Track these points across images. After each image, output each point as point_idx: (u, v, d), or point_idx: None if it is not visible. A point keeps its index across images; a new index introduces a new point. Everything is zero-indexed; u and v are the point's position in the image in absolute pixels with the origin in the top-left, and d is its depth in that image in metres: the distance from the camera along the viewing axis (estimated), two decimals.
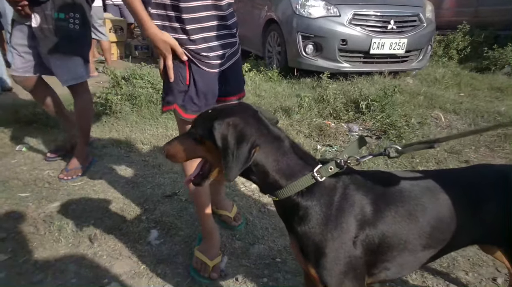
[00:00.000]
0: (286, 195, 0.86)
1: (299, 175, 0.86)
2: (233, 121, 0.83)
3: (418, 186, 0.91)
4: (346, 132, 2.93)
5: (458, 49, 5.42)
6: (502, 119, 2.95)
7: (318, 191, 0.86)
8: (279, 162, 0.86)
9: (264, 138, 0.86)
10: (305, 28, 3.89)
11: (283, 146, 0.87)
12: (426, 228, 0.88)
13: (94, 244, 1.58)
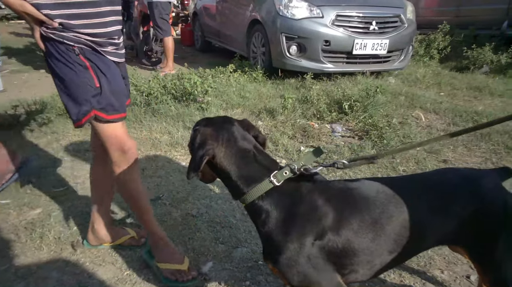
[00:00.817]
0: (250, 200, 0.94)
1: (259, 181, 0.93)
2: (202, 130, 0.96)
3: (384, 193, 0.95)
4: (330, 133, 2.97)
5: (439, 48, 5.53)
6: (479, 119, 3.04)
7: (277, 195, 0.93)
8: (241, 169, 0.95)
9: (228, 149, 0.95)
10: (288, 29, 3.92)
11: (247, 155, 0.96)
12: (391, 235, 0.92)
13: (76, 250, 1.57)
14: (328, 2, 3.94)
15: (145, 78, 3.92)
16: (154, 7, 4.80)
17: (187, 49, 7.72)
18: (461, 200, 0.96)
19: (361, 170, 2.30)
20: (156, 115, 3.14)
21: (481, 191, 0.96)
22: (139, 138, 2.76)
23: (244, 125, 1.04)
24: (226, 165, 0.95)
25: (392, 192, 0.95)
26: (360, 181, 1.01)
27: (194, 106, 3.27)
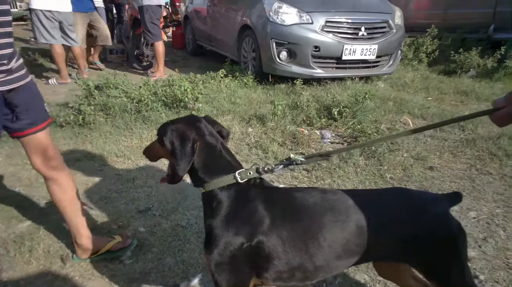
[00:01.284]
0: (210, 188, 1.02)
1: (223, 174, 1.02)
2: (176, 127, 1.04)
3: (322, 205, 1.01)
4: (319, 139, 3.01)
5: (427, 52, 5.61)
6: (464, 125, 3.09)
7: (234, 191, 1.01)
8: (208, 161, 1.04)
9: (200, 140, 1.03)
10: (278, 34, 3.95)
11: (213, 149, 1.05)
12: (320, 246, 0.97)
13: (66, 264, 1.58)
14: (317, 8, 3.98)
15: (136, 84, 3.92)
16: (144, 11, 4.80)
17: (178, 53, 7.71)
18: (407, 223, 0.98)
19: (349, 177, 2.33)
20: (146, 122, 3.15)
21: (429, 218, 0.99)
22: (129, 147, 2.76)
23: (209, 121, 1.12)
24: (195, 156, 1.01)
25: (331, 204, 1.01)
26: (304, 190, 1.08)
27: (185, 113, 3.28)
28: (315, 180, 2.32)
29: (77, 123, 2.99)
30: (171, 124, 1.06)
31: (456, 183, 2.25)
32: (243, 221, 0.98)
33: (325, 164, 2.51)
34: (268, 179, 2.37)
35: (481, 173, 2.36)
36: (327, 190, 1.08)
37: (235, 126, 3.13)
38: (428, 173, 2.38)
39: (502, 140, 2.74)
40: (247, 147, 2.80)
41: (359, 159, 2.54)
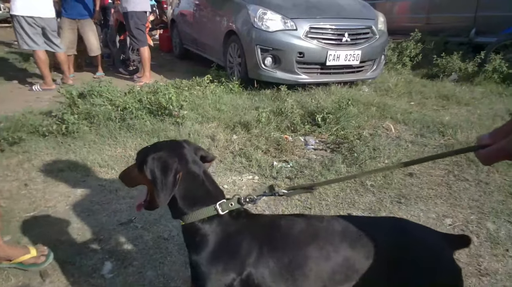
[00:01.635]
0: (190, 220, 0.99)
1: (203, 205, 0.99)
2: (157, 156, 1.00)
3: (306, 233, 0.99)
4: (303, 146, 3.05)
5: (411, 56, 5.71)
6: (444, 130, 3.17)
7: (216, 223, 0.98)
8: (188, 191, 1.01)
9: (182, 170, 1.00)
10: (263, 41, 3.98)
11: (195, 179, 1.02)
12: (307, 276, 0.94)
13: (45, 280, 1.58)
14: (301, 15, 4.02)
15: (121, 91, 3.91)
16: (129, 17, 4.78)
17: (165, 56, 7.70)
18: (404, 266, 0.91)
19: (331, 185, 2.37)
20: (131, 130, 3.14)
21: (431, 264, 0.91)
22: (113, 156, 2.76)
23: (192, 147, 1.10)
24: (178, 183, 0.98)
25: (317, 232, 0.98)
26: (289, 218, 1.06)
27: (170, 120, 3.29)
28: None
29: (60, 133, 2.97)
30: (152, 151, 1.02)
31: (434, 190, 2.30)
32: (230, 255, 0.96)
33: (308, 172, 2.55)
34: (254, 186, 2.39)
35: (458, 180, 2.42)
36: (313, 217, 1.06)
37: (220, 133, 3.15)
38: (407, 180, 2.43)
39: None
40: (231, 155, 2.82)
41: (341, 167, 2.59)
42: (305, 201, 2.21)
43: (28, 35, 4.33)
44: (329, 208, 2.14)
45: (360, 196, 2.26)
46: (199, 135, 3.08)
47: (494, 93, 4.39)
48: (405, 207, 2.14)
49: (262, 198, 1.07)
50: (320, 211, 2.11)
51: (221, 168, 2.64)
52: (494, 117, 3.54)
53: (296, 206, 2.17)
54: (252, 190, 2.37)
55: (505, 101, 4.09)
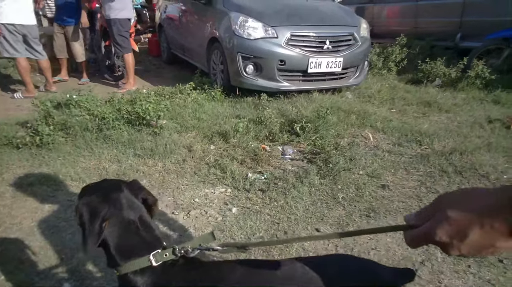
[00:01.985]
0: (123, 272, 0.94)
1: (137, 256, 0.94)
2: (87, 200, 0.96)
3: (249, 281, 0.95)
4: (280, 156, 3.04)
5: (396, 61, 5.72)
6: (421, 139, 3.17)
7: (149, 275, 0.93)
8: (122, 241, 0.95)
9: (114, 217, 0.95)
10: (244, 49, 3.97)
11: (129, 226, 0.97)
12: None
13: None
14: (282, 22, 4.02)
15: (101, 99, 3.89)
16: (112, 24, 4.76)
17: (153, 61, 7.67)
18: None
19: (303, 198, 2.36)
20: (108, 141, 3.13)
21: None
22: (87, 168, 2.74)
23: (133, 188, 1.05)
24: (107, 234, 0.95)
25: (260, 278, 0.95)
26: (233, 265, 1.02)
27: (147, 131, 3.27)
28: (268, 202, 2.34)
29: (34, 144, 2.95)
30: (87, 193, 0.99)
31: (403, 203, 2.30)
32: None
33: (281, 184, 2.55)
34: (231, 194, 2.37)
35: (429, 192, 2.43)
36: (260, 263, 1.02)
37: (197, 143, 3.14)
38: (379, 193, 2.43)
39: (454, 156, 2.82)
40: (206, 166, 2.81)
41: (314, 179, 2.58)
42: (274, 215, 2.20)
43: (9, 43, 4.30)
44: (298, 223, 2.13)
45: (330, 210, 2.25)
46: (176, 146, 3.06)
47: (476, 99, 4.40)
48: (373, 221, 2.14)
49: (196, 251, 0.98)
50: (288, 226, 2.11)
51: (195, 181, 2.63)
52: (473, 125, 3.55)
53: (265, 221, 2.16)
54: (223, 203, 2.36)
55: (486, 107, 4.11)
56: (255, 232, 2.06)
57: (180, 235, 2.03)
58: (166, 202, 2.36)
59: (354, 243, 1.97)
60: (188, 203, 2.36)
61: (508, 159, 2.82)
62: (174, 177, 2.66)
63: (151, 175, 2.68)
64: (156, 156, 2.90)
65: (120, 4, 4.67)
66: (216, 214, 2.24)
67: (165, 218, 2.19)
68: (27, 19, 4.37)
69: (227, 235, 2.04)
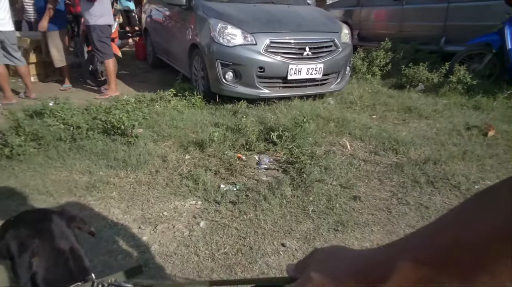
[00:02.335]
0: None
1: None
2: (15, 234, 0.94)
3: None
4: (255, 165, 3.01)
5: (381, 65, 5.72)
6: (397, 147, 3.16)
7: None
8: (49, 273, 0.94)
9: (42, 249, 0.93)
10: (223, 55, 3.94)
11: (59, 258, 0.95)
12: None
13: None
14: (262, 29, 4.00)
15: (79, 107, 3.84)
16: (92, 30, 4.71)
17: (140, 64, 7.62)
18: None
19: (273, 211, 2.34)
20: (81, 151, 3.08)
21: None
22: (56, 181, 2.69)
23: (64, 217, 1.03)
24: (36, 267, 0.92)
25: None
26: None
27: (122, 140, 3.23)
28: (237, 215, 2.31)
29: (3, 155, 2.90)
30: (13, 226, 0.96)
31: (373, 216, 2.29)
32: None
33: (252, 195, 2.52)
34: (201, 204, 2.33)
35: (400, 203, 2.41)
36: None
37: (172, 153, 3.11)
38: (350, 204, 2.41)
39: (427, 165, 2.82)
40: (179, 177, 2.77)
41: (287, 189, 2.56)
42: (242, 229, 2.17)
43: None
44: (264, 237, 2.11)
45: (298, 223, 2.23)
46: (150, 156, 3.03)
47: (457, 104, 4.41)
48: (341, 235, 2.12)
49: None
50: (255, 241, 2.08)
51: (166, 192, 2.59)
52: (451, 132, 3.55)
53: (232, 235, 2.13)
54: (192, 217, 2.33)
55: (466, 113, 4.11)
56: (220, 248, 2.03)
57: (143, 252, 1.99)
58: (134, 216, 2.33)
59: None
60: (157, 217, 2.32)
61: (481, 168, 2.82)
62: (145, 189, 2.63)
63: (121, 187, 2.64)
64: (128, 167, 2.86)
65: (100, 11, 4.62)
66: (183, 229, 2.21)
67: (131, 233, 2.16)
68: (5, 26, 4.31)
69: (192, 251, 2.01)
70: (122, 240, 2.09)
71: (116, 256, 1.96)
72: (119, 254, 1.97)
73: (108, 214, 2.33)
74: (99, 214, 2.33)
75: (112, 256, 1.95)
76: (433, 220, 0.40)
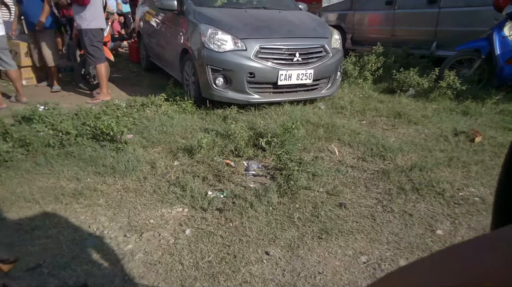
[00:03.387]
0: None
1: None
2: None
3: None
4: (243, 172, 3.02)
5: (372, 70, 5.75)
6: (385, 154, 3.19)
7: None
8: None
9: None
10: (213, 61, 3.96)
11: None
12: None
13: None
14: (252, 35, 4.01)
15: (69, 112, 3.84)
16: (84, 34, 4.71)
17: (133, 67, 7.62)
18: None
19: (259, 218, 2.35)
20: (69, 158, 3.08)
21: None
22: (43, 188, 2.69)
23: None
24: None
25: None
26: None
27: (111, 146, 3.23)
28: (223, 222, 2.33)
29: None
30: None
31: (357, 223, 2.31)
32: None
33: (238, 202, 2.53)
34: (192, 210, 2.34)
35: (384, 211, 2.43)
36: None
37: (161, 159, 3.11)
38: (335, 212, 2.43)
39: (413, 172, 2.84)
40: (167, 184, 2.78)
41: (273, 197, 2.57)
42: (227, 237, 2.18)
43: None
44: (249, 245, 2.12)
45: (283, 231, 2.24)
46: (139, 162, 3.03)
47: (446, 110, 4.45)
48: (325, 243, 2.14)
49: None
50: (239, 249, 2.09)
51: (154, 199, 2.60)
52: (439, 138, 3.58)
53: (217, 243, 2.14)
54: (178, 225, 2.33)
55: (454, 118, 4.15)
56: (205, 256, 2.04)
57: (127, 261, 2.00)
58: (120, 224, 2.33)
59: (302, 267, 1.96)
60: (143, 225, 2.33)
61: (467, 174, 2.85)
62: (133, 196, 2.63)
63: (109, 194, 2.64)
64: (116, 174, 2.86)
65: (92, 15, 4.62)
66: (169, 237, 2.22)
67: (116, 242, 2.16)
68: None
69: (176, 259, 2.01)
70: (107, 249, 2.09)
71: (99, 265, 1.96)
72: (102, 263, 1.98)
73: (94, 221, 2.34)
74: (85, 222, 2.33)
75: (96, 265, 1.96)
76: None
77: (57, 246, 2.09)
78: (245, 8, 4.70)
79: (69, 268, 1.93)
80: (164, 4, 4.61)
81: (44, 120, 3.45)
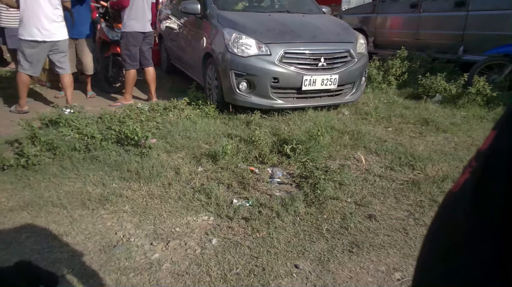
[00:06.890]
0: None
1: None
2: None
3: None
4: (268, 179, 2.97)
5: (397, 75, 5.62)
6: (414, 163, 3.08)
7: None
8: None
9: None
10: (237, 65, 3.93)
11: None
12: None
13: None
14: (276, 39, 3.97)
15: (93, 116, 3.88)
16: (121, 37, 4.79)
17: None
18: None
19: (286, 229, 2.30)
20: (95, 162, 3.10)
21: None
22: (70, 192, 2.70)
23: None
24: None
25: None
26: None
27: (135, 151, 3.23)
28: (250, 232, 2.28)
29: (19, 165, 2.93)
30: None
31: (389, 237, 2.22)
32: None
33: (265, 212, 2.48)
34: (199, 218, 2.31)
35: (417, 224, 2.34)
36: None
37: (185, 165, 3.09)
38: (365, 224, 2.35)
39: (445, 183, 2.73)
40: (191, 191, 2.75)
41: (300, 206, 2.51)
42: (254, 248, 2.13)
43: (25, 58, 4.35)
44: (277, 257, 2.06)
45: (312, 243, 2.18)
46: (163, 168, 3.02)
47: (476, 117, 4.29)
48: (356, 257, 2.06)
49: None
50: (268, 261, 2.04)
51: (179, 207, 2.57)
52: (470, 147, 3.45)
53: (245, 254, 2.10)
54: (204, 234, 2.30)
55: (485, 126, 4.00)
56: (232, 268, 1.99)
57: (155, 271, 1.97)
58: (146, 231, 2.31)
59: (333, 282, 1.89)
60: (169, 233, 2.30)
61: None
62: (158, 203, 2.61)
63: (134, 200, 2.64)
64: (141, 179, 2.86)
65: (129, 18, 4.65)
66: (195, 246, 2.19)
67: (143, 250, 2.14)
68: None
69: (203, 270, 1.98)
70: (134, 257, 2.07)
71: (128, 274, 1.94)
72: (131, 272, 1.96)
73: (120, 228, 2.33)
74: (112, 228, 2.32)
75: (124, 274, 1.94)
76: None
77: (86, 253, 2.09)
78: (268, 12, 4.66)
79: (97, 277, 1.92)
80: (187, 8, 4.62)
81: (70, 123, 3.48)
